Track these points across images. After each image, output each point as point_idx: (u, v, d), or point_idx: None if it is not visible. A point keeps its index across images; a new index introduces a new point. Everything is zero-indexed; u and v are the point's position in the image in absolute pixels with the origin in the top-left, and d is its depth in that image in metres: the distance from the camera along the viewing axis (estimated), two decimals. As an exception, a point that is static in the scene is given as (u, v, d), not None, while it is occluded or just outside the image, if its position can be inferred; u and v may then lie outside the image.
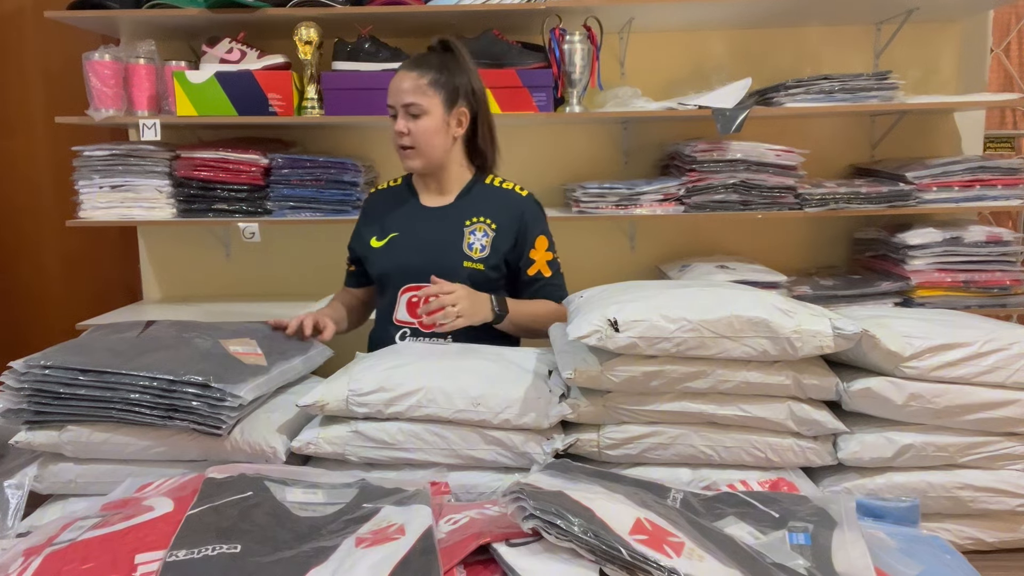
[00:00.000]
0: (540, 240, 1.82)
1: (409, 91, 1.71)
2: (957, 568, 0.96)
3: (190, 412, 1.21)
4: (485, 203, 1.80)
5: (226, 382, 1.23)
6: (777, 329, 1.18)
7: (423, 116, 1.72)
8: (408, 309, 1.75)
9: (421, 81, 1.72)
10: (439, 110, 1.73)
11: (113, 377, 1.22)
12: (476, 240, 1.76)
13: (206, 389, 1.21)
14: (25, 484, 1.25)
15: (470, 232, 1.77)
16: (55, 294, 3.05)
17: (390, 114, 1.76)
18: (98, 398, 1.22)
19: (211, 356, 1.32)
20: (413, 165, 1.77)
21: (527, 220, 1.81)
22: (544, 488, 0.92)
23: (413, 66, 1.74)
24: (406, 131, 1.73)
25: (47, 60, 2.94)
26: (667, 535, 0.87)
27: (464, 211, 1.79)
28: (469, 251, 1.75)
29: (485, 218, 1.78)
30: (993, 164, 2.43)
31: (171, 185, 2.44)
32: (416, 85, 1.72)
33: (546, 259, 1.83)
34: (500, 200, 1.82)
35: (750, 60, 2.67)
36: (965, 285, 2.42)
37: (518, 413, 1.22)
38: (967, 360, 1.20)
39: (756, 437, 1.23)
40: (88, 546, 0.90)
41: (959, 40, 2.69)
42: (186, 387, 1.21)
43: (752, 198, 2.42)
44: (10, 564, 0.89)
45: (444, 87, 1.74)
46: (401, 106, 1.72)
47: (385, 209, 1.86)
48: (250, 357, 1.37)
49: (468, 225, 1.78)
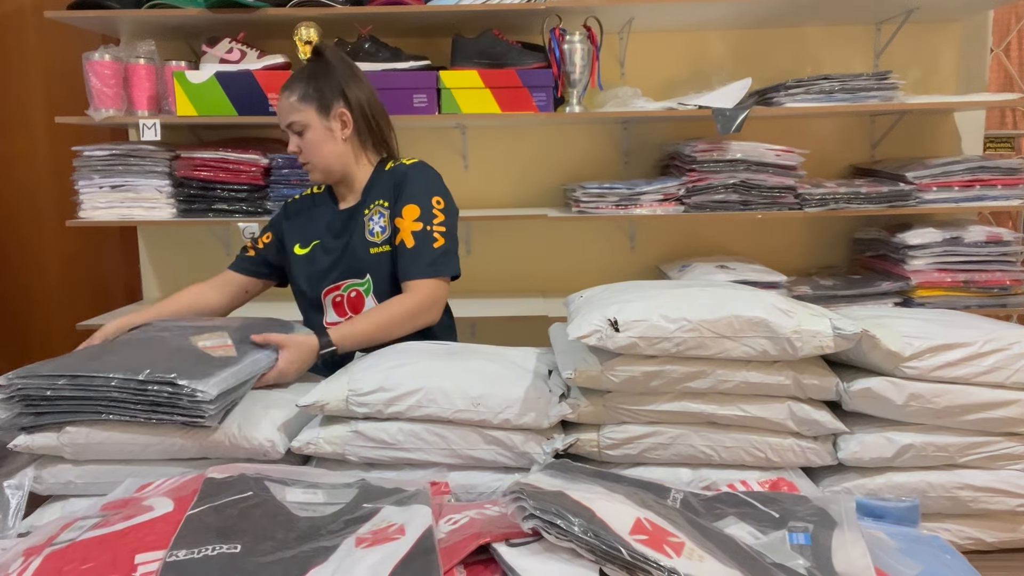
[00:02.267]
0: (408, 209, 1.70)
1: (285, 111, 1.75)
2: (957, 568, 0.96)
3: (172, 407, 1.22)
4: (380, 187, 1.78)
5: (192, 378, 1.23)
6: (777, 329, 1.18)
7: (305, 131, 1.74)
8: (335, 309, 1.77)
9: (292, 99, 1.74)
10: (316, 120, 1.74)
11: (86, 379, 1.24)
12: (375, 224, 1.74)
13: (174, 386, 1.22)
14: (25, 484, 1.25)
15: (368, 219, 1.75)
16: (55, 294, 3.05)
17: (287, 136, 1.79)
18: (83, 398, 1.24)
19: (179, 352, 1.33)
20: (315, 178, 1.79)
21: (400, 188, 1.73)
22: (544, 488, 0.92)
23: (285, 88, 1.76)
24: (298, 149, 1.76)
25: (47, 60, 2.94)
26: (667, 535, 0.87)
27: (363, 204, 1.79)
28: (371, 237, 1.74)
29: (379, 200, 1.76)
30: (993, 164, 2.43)
31: (171, 185, 2.44)
32: (288, 104, 1.74)
33: (411, 229, 1.69)
34: (391, 177, 1.77)
35: (750, 60, 2.67)
36: (965, 285, 2.42)
37: (518, 413, 1.22)
38: (967, 360, 1.20)
39: (756, 437, 1.23)
40: (88, 546, 0.90)
41: (959, 40, 2.69)
42: (155, 385, 1.22)
43: (752, 198, 2.42)
44: (10, 564, 0.89)
45: (313, 97, 1.74)
46: (286, 127, 1.76)
47: (308, 218, 1.86)
48: (219, 350, 1.37)
49: (367, 213, 1.76)
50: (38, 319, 3.06)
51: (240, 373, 1.33)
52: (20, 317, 3.07)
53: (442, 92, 2.37)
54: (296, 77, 1.77)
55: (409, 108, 2.37)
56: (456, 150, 2.73)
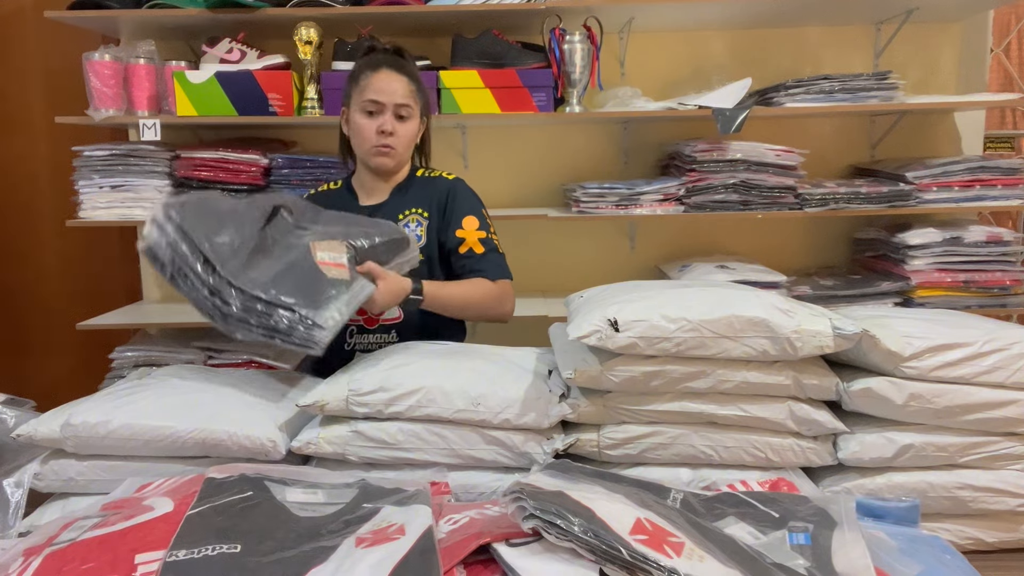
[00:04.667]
0: (468, 220, 1.79)
1: (404, 93, 1.73)
2: (957, 568, 0.96)
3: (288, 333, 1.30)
4: (416, 194, 1.81)
5: (310, 307, 1.31)
6: (777, 329, 1.18)
7: (409, 120, 1.76)
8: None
9: (412, 87, 1.75)
10: (418, 117, 1.79)
11: (219, 281, 1.31)
12: (411, 231, 1.76)
13: (293, 313, 1.30)
14: (25, 482, 1.25)
15: (404, 224, 1.77)
16: (55, 294, 3.05)
17: (367, 109, 1.74)
18: (212, 295, 1.32)
19: (299, 267, 1.40)
20: (388, 164, 1.77)
21: (452, 200, 1.80)
22: (544, 488, 0.92)
23: (400, 70, 1.75)
24: (393, 131, 1.73)
25: (47, 60, 2.94)
26: (667, 535, 0.87)
27: (397, 205, 1.80)
28: None
29: (417, 208, 1.79)
30: (993, 164, 2.43)
31: (171, 185, 2.44)
32: (409, 90, 1.75)
33: (477, 237, 1.77)
34: (429, 188, 1.82)
35: (750, 60, 2.67)
36: (965, 285, 2.42)
37: (518, 413, 1.22)
38: (967, 360, 1.20)
39: (756, 437, 1.23)
40: (88, 546, 0.90)
41: (959, 40, 2.69)
42: (279, 309, 1.30)
43: (752, 198, 2.42)
44: (10, 564, 0.89)
45: (422, 96, 1.80)
46: (394, 106, 1.73)
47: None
48: (333, 269, 1.43)
49: (402, 218, 1.78)
50: (38, 319, 3.06)
51: (350, 302, 1.40)
52: (20, 317, 3.06)
53: (442, 92, 2.37)
54: (408, 68, 1.77)
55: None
56: (456, 150, 2.73)
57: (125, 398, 1.32)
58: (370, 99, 1.73)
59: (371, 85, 1.73)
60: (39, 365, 3.07)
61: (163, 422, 1.24)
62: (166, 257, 1.32)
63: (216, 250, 1.32)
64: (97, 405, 1.30)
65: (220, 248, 1.33)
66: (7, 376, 2.99)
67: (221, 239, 1.35)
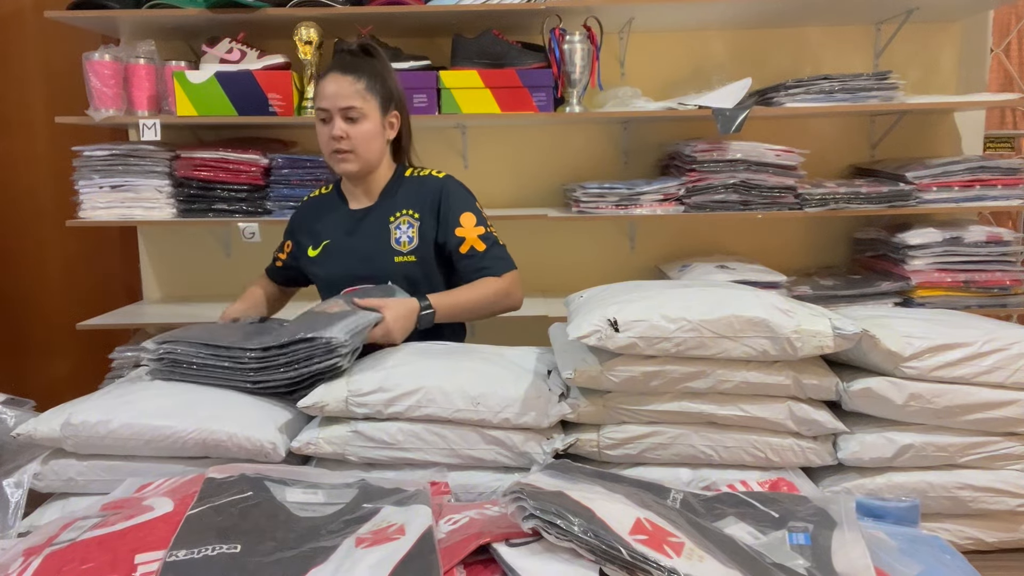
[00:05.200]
0: (465, 217, 1.77)
1: (347, 95, 1.70)
2: (957, 568, 0.96)
3: (308, 360, 1.33)
4: (406, 195, 1.80)
5: (317, 330, 1.35)
6: (777, 329, 1.18)
7: (362, 120, 1.71)
8: None
9: (359, 86, 1.71)
10: (376, 114, 1.74)
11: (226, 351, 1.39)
12: (403, 233, 1.76)
13: (307, 341, 1.34)
14: (25, 482, 1.25)
15: (395, 227, 1.76)
16: (55, 294, 3.05)
17: (320, 117, 1.73)
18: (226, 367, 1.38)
19: (297, 321, 1.49)
20: (349, 169, 1.75)
21: (444, 199, 1.77)
22: (544, 488, 0.92)
23: (347, 70, 1.72)
24: (344, 135, 1.71)
25: (47, 60, 2.94)
26: (667, 535, 0.87)
27: (387, 208, 1.79)
28: (397, 245, 1.75)
29: (407, 209, 1.78)
30: (993, 164, 2.43)
31: (171, 185, 2.44)
32: (354, 89, 1.70)
33: (477, 233, 1.76)
34: (418, 188, 1.80)
35: (750, 60, 2.67)
36: (965, 285, 2.42)
37: (518, 413, 1.22)
38: (967, 360, 1.20)
39: (756, 437, 1.23)
40: (88, 546, 0.90)
41: (959, 40, 2.69)
42: (291, 346, 1.35)
43: (752, 198, 2.42)
44: (10, 564, 0.89)
45: (379, 91, 1.74)
46: (338, 110, 1.70)
47: (316, 218, 1.86)
48: (333, 307, 1.51)
49: (392, 220, 1.77)
50: (38, 319, 3.06)
51: (358, 321, 1.44)
52: (20, 317, 3.06)
53: (442, 92, 2.37)
54: (358, 67, 1.73)
55: (409, 108, 2.35)
56: (456, 150, 2.73)
57: (125, 398, 1.32)
58: (319, 107, 1.73)
59: (319, 92, 1.73)
60: (39, 365, 3.07)
61: (163, 422, 1.24)
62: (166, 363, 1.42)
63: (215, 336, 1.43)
64: (97, 405, 1.29)
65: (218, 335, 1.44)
66: (7, 376, 2.99)
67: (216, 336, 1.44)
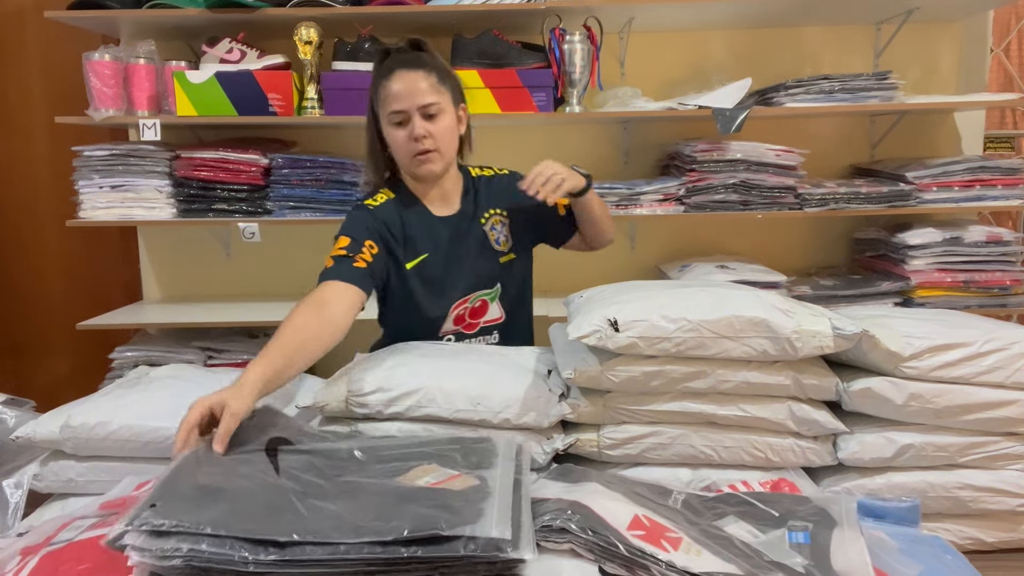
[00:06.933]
0: None
1: (422, 91, 1.57)
2: (957, 568, 0.96)
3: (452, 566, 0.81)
4: (488, 195, 1.75)
5: (464, 523, 0.82)
6: (777, 329, 1.18)
7: (441, 115, 1.60)
8: (454, 320, 1.69)
9: (431, 79, 1.59)
10: (451, 108, 1.63)
11: (300, 549, 0.80)
12: (498, 233, 1.72)
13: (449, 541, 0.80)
14: (24, 483, 1.25)
15: (490, 228, 1.72)
16: (55, 294, 3.05)
17: (394, 121, 1.59)
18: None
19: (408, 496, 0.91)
20: (434, 169, 1.62)
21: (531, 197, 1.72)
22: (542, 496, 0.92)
23: (413, 65, 1.59)
24: (427, 133, 1.58)
25: (47, 60, 2.94)
26: (665, 531, 0.87)
27: (474, 211, 1.73)
28: (497, 246, 1.72)
29: (494, 209, 1.74)
30: (993, 164, 2.43)
31: (171, 185, 2.44)
32: (428, 84, 1.58)
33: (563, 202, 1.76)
34: (496, 187, 1.76)
35: (750, 60, 2.67)
36: (965, 285, 2.42)
37: (518, 413, 1.22)
38: (967, 360, 1.20)
39: (756, 437, 1.23)
40: (84, 546, 0.90)
41: (959, 40, 2.69)
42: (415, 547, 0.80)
43: (752, 198, 2.41)
44: (7, 563, 0.89)
45: (448, 83, 1.63)
46: (418, 108, 1.57)
47: (405, 227, 1.67)
48: (454, 482, 0.95)
49: (484, 222, 1.72)
50: (38, 319, 3.06)
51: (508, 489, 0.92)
52: (20, 317, 3.06)
53: (442, 92, 2.37)
54: (421, 60, 1.62)
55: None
56: (456, 150, 2.73)
57: (124, 399, 1.32)
58: (392, 110, 1.59)
59: (390, 94, 1.59)
60: (39, 365, 3.07)
61: (163, 423, 1.24)
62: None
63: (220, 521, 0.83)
64: (96, 406, 1.29)
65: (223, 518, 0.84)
66: (7, 376, 2.99)
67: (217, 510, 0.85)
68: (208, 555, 0.79)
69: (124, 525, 0.80)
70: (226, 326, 2.53)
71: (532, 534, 0.84)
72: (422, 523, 0.81)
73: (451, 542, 0.79)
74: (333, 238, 1.60)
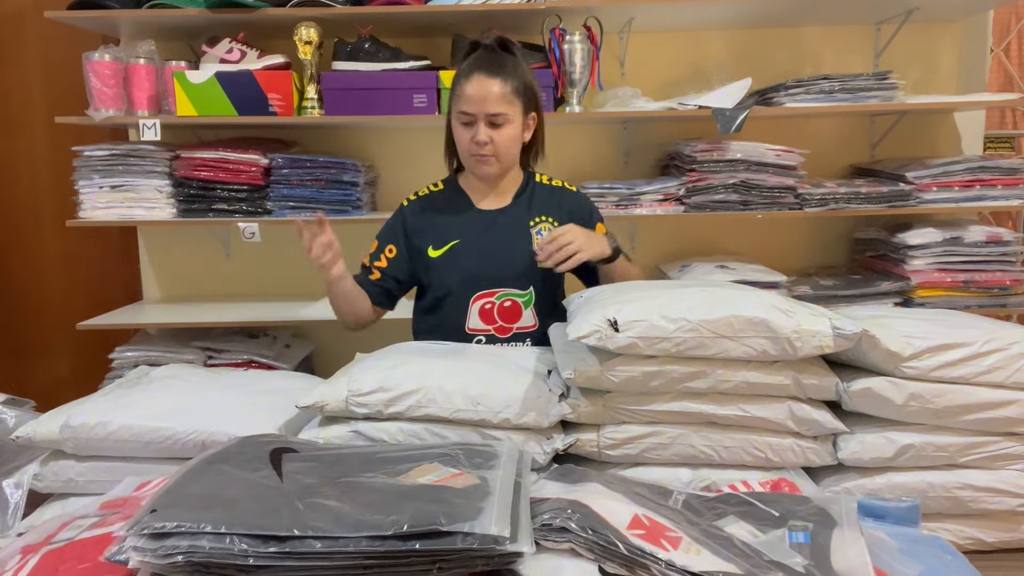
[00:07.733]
0: (599, 227, 1.83)
1: (495, 100, 1.63)
2: (957, 568, 0.96)
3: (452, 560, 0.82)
4: (542, 202, 1.79)
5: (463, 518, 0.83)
6: (777, 329, 1.18)
7: (506, 125, 1.66)
8: (481, 316, 1.71)
9: (506, 89, 1.64)
10: (519, 118, 1.69)
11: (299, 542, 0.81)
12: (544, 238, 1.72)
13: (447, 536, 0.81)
14: (24, 483, 1.25)
15: (536, 232, 1.74)
16: (55, 294, 3.05)
17: (462, 120, 1.67)
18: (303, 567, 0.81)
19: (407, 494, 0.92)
20: (489, 172, 1.71)
21: (587, 213, 1.83)
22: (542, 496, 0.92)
23: (495, 72, 1.65)
24: (488, 140, 1.65)
25: (47, 60, 2.94)
26: (665, 530, 0.87)
27: (524, 211, 1.76)
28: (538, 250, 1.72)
29: (547, 216, 1.77)
30: (993, 164, 2.43)
31: (171, 185, 2.44)
32: (502, 94, 1.64)
33: None
34: (557, 198, 1.81)
35: (750, 60, 2.67)
36: (965, 285, 2.42)
37: (518, 413, 1.22)
38: (967, 360, 1.20)
39: (756, 437, 1.23)
40: (85, 546, 0.90)
41: (959, 40, 2.69)
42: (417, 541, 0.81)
43: (752, 198, 2.41)
44: (7, 562, 0.89)
45: (522, 93, 1.68)
46: (485, 115, 1.64)
47: (437, 216, 1.77)
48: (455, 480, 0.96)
49: (533, 225, 1.75)
50: (38, 319, 3.06)
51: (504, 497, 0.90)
52: (20, 317, 3.06)
53: (442, 92, 2.37)
54: (504, 67, 1.66)
55: (409, 108, 2.37)
56: (456, 150, 2.73)
57: (124, 399, 1.32)
58: (462, 110, 1.66)
59: (463, 94, 1.65)
60: (39, 365, 3.07)
61: (163, 423, 1.24)
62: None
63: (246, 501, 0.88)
64: (96, 406, 1.29)
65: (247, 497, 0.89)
66: (7, 376, 2.99)
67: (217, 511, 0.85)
68: (208, 550, 0.79)
69: (124, 532, 0.81)
70: (226, 326, 2.53)
71: (531, 530, 0.86)
72: (421, 518, 0.82)
73: (449, 536, 0.81)
74: None
